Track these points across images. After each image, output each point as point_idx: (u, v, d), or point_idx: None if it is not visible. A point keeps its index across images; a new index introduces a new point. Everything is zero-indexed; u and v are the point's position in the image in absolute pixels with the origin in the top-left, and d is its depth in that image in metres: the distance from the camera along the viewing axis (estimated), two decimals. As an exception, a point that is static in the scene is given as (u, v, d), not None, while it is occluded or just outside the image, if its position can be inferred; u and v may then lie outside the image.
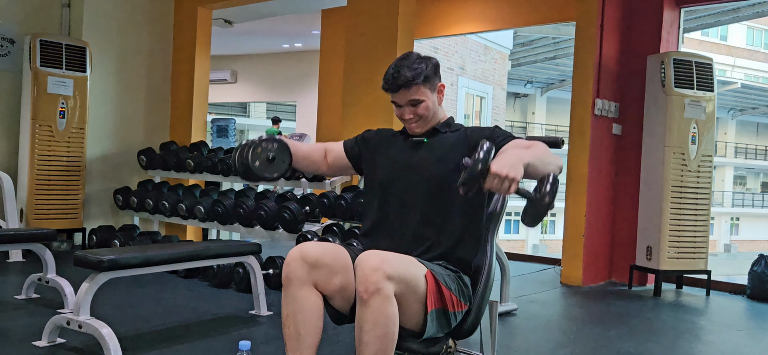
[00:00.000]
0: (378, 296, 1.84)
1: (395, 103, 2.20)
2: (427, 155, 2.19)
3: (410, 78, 2.13)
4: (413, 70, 2.14)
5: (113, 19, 6.36)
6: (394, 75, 2.15)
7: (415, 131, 2.23)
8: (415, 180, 2.16)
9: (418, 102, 2.16)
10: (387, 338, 1.86)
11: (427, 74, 2.16)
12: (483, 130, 2.20)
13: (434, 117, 2.22)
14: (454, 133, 2.22)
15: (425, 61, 2.18)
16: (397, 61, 2.18)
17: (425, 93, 2.16)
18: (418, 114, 2.18)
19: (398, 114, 2.21)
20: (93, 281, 2.92)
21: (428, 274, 1.99)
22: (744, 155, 32.69)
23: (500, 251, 4.05)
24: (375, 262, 1.87)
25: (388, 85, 2.17)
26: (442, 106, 2.26)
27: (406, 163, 2.20)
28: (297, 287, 2.01)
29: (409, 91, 2.14)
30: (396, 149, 2.27)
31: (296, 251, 2.04)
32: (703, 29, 21.13)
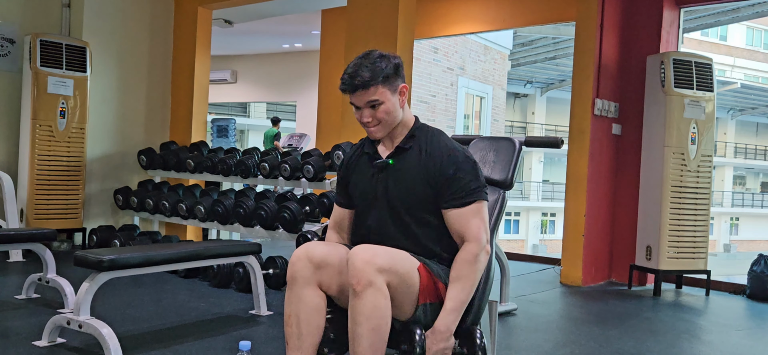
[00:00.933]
0: (370, 288, 1.85)
1: (353, 105, 2.10)
2: (391, 183, 2.11)
3: (368, 78, 2.02)
4: (372, 70, 2.03)
5: (113, 19, 6.36)
6: (352, 74, 2.05)
7: (375, 136, 2.14)
8: (382, 208, 2.12)
9: (376, 104, 2.06)
10: (380, 331, 1.88)
11: (387, 74, 2.05)
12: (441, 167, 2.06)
13: (394, 121, 2.11)
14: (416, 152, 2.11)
15: (386, 59, 2.07)
16: (356, 60, 2.07)
17: (385, 94, 2.06)
18: (377, 117, 2.08)
19: (357, 116, 2.12)
20: (93, 281, 2.92)
21: (421, 267, 2.00)
22: (744, 155, 32.70)
23: (500, 251, 4.05)
24: (367, 255, 1.89)
25: (344, 86, 2.07)
26: (405, 108, 2.15)
27: (373, 191, 2.15)
28: (301, 287, 2.02)
29: (367, 92, 2.04)
30: (362, 176, 2.19)
31: (302, 250, 2.05)
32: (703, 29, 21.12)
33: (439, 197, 2.07)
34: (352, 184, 2.23)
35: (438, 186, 2.06)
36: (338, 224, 2.30)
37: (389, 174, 2.13)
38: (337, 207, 2.31)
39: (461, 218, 2.04)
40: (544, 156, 28.07)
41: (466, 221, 2.04)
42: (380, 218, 2.13)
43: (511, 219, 26.15)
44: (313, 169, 4.90)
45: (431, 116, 12.57)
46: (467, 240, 2.03)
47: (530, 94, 27.39)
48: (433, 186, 2.07)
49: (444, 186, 2.05)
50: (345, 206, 2.28)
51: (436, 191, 2.07)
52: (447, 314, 1.98)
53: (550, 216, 27.53)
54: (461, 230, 2.04)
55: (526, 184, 26.71)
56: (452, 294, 2.00)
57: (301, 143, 10.89)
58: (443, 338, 1.97)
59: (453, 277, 2.02)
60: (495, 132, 14.64)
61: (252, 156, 5.49)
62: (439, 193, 2.06)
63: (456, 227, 2.06)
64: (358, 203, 2.22)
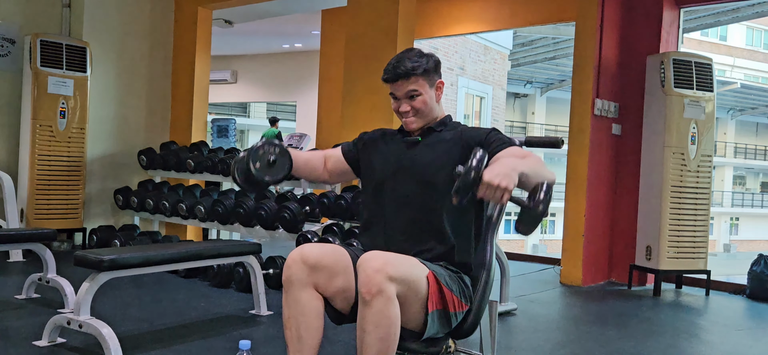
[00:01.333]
0: (380, 297, 1.84)
1: (393, 96, 2.20)
2: (420, 155, 2.18)
3: (410, 69, 2.13)
4: (414, 62, 2.15)
5: (113, 19, 6.36)
6: (395, 65, 2.16)
7: (411, 127, 2.21)
8: (407, 179, 2.16)
9: (415, 94, 2.16)
10: (389, 340, 1.87)
11: (428, 68, 2.17)
12: (479, 131, 2.18)
13: (430, 113, 2.21)
14: (449, 132, 2.21)
15: (427, 56, 2.19)
16: (400, 54, 2.20)
17: (423, 86, 2.17)
18: (414, 107, 2.17)
19: (395, 107, 2.20)
20: (93, 280, 2.92)
21: (430, 275, 1.99)
22: (743, 155, 32.69)
23: (500, 251, 4.05)
24: (378, 263, 1.87)
25: (388, 75, 2.18)
26: (439, 104, 2.25)
27: (400, 162, 2.20)
28: (298, 290, 2.02)
29: (408, 81, 2.15)
30: (390, 148, 2.26)
31: (296, 253, 2.05)
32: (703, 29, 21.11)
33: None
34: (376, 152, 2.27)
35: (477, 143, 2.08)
36: (328, 158, 2.39)
37: (418, 149, 2.20)
38: (340, 150, 2.38)
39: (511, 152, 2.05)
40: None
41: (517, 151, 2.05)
42: (398, 190, 2.16)
43: (511, 219, 26.11)
44: (313, 169, 4.89)
45: (431, 116, 12.55)
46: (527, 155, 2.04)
47: (530, 94, 27.39)
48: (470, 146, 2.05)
49: (483, 143, 2.09)
50: (349, 159, 2.35)
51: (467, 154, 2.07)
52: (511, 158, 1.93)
53: (550, 216, 27.53)
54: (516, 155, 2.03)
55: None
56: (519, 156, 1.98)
57: (301, 143, 10.88)
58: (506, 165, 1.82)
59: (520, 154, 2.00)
60: (495, 131, 14.62)
61: (252, 156, 5.48)
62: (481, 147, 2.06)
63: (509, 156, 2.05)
64: (377, 173, 2.23)
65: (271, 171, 2.16)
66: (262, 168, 2.15)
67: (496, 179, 1.77)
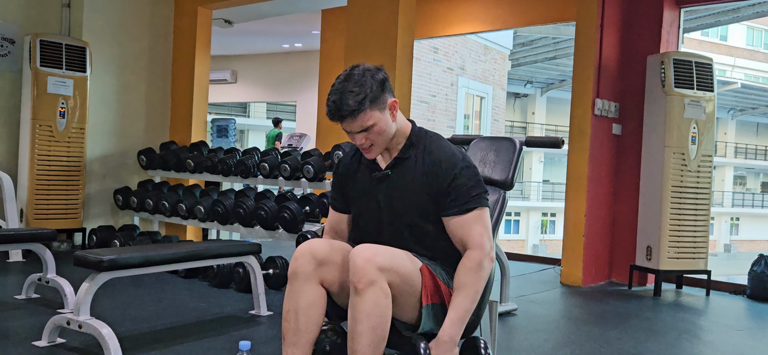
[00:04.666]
0: (371, 287, 1.85)
1: (345, 130, 2.04)
2: (391, 193, 2.09)
3: (354, 107, 1.95)
4: (357, 95, 1.95)
5: (113, 19, 6.36)
6: (338, 104, 1.96)
7: (372, 156, 2.08)
8: (380, 217, 2.11)
9: (368, 127, 2.00)
10: (379, 329, 1.88)
11: (374, 96, 1.97)
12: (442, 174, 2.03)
13: (389, 137, 2.06)
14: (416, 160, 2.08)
15: (371, 76, 1.98)
16: (338, 85, 1.98)
17: (374, 116, 1.99)
18: (370, 139, 2.03)
19: (350, 139, 2.05)
20: (93, 281, 2.92)
21: (423, 268, 2.00)
22: (744, 155, 32.70)
23: (500, 251, 4.05)
24: (368, 254, 1.88)
25: (332, 116, 1.99)
26: (398, 118, 2.08)
27: (373, 200, 2.12)
28: (303, 282, 2.01)
29: (356, 119, 1.97)
30: (362, 183, 2.16)
31: (305, 246, 2.04)
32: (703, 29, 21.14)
33: (439, 205, 2.04)
34: (350, 190, 2.21)
35: (438, 194, 2.04)
36: (334, 228, 2.27)
37: (389, 184, 2.10)
38: (333, 211, 2.28)
39: (463, 226, 2.02)
40: (544, 156, 28.06)
41: (468, 228, 2.01)
42: (379, 226, 2.12)
43: (511, 219, 26.14)
44: (313, 169, 4.89)
45: (431, 116, 12.57)
46: (470, 248, 2.01)
47: (530, 94, 27.39)
48: (434, 194, 2.04)
49: (444, 194, 2.03)
50: (341, 210, 2.25)
51: (436, 199, 2.04)
52: (451, 324, 1.95)
53: (550, 216, 27.52)
54: (463, 237, 2.02)
55: (526, 184, 26.72)
56: (456, 303, 1.97)
57: (301, 143, 10.89)
58: (448, 348, 1.94)
59: (457, 285, 1.99)
60: (495, 132, 14.64)
61: (252, 156, 5.49)
62: (440, 201, 2.04)
63: (458, 234, 2.03)
64: (355, 211, 2.20)
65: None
66: None
67: None
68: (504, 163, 2.50)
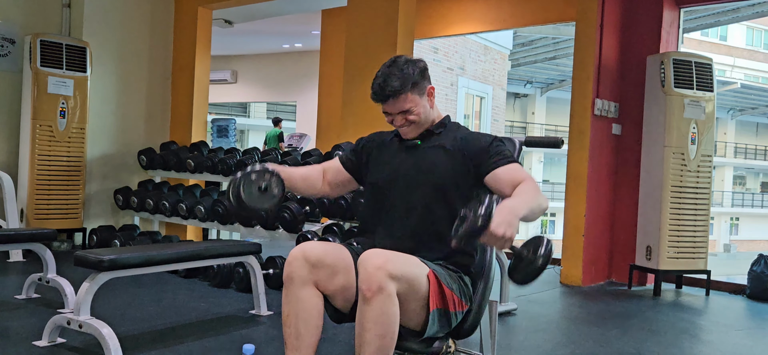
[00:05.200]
0: (381, 295, 1.84)
1: (386, 112, 2.18)
2: (420, 160, 2.17)
3: (398, 88, 2.10)
4: (400, 79, 2.10)
5: (113, 19, 6.36)
6: (382, 85, 2.12)
7: (409, 136, 2.21)
8: (408, 184, 2.15)
9: (408, 110, 2.14)
10: (387, 337, 1.87)
11: (415, 80, 2.13)
12: (479, 140, 2.16)
13: (427, 120, 2.19)
14: (448, 135, 2.20)
15: (412, 65, 2.14)
16: (384, 70, 2.14)
17: (414, 100, 2.13)
18: (409, 120, 2.16)
19: (389, 121, 2.20)
20: (93, 281, 2.92)
21: (430, 274, 1.99)
22: (744, 155, 32.69)
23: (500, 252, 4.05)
24: (379, 261, 1.87)
25: (376, 97, 2.14)
26: (434, 106, 2.23)
27: (399, 167, 2.19)
28: (298, 287, 2.02)
29: (398, 100, 2.12)
30: (389, 154, 2.25)
31: (298, 250, 2.05)
32: (703, 29, 21.11)
33: (480, 166, 2.09)
34: (375, 159, 2.27)
35: (476, 156, 2.10)
36: (326, 171, 2.37)
37: (417, 153, 2.19)
38: (337, 160, 2.37)
39: (511, 172, 2.06)
40: (544, 156, 28.06)
41: (516, 173, 2.05)
42: (398, 196, 2.16)
43: (511, 219, 26.11)
44: (313, 169, 4.89)
45: (431, 116, 12.54)
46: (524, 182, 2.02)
47: (530, 94, 27.38)
48: (470, 157, 2.11)
49: (484, 153, 2.10)
50: (346, 167, 2.34)
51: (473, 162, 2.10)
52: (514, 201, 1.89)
53: (550, 216, 27.52)
54: (513, 180, 2.03)
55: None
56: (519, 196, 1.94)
57: (301, 143, 10.90)
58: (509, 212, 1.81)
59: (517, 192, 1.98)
60: (495, 132, 14.64)
61: (252, 156, 5.49)
62: (480, 161, 2.10)
63: (507, 179, 2.04)
64: (377, 179, 2.24)
65: (262, 199, 2.16)
66: (254, 196, 2.14)
67: (500, 228, 1.77)
68: (504, 163, 2.50)
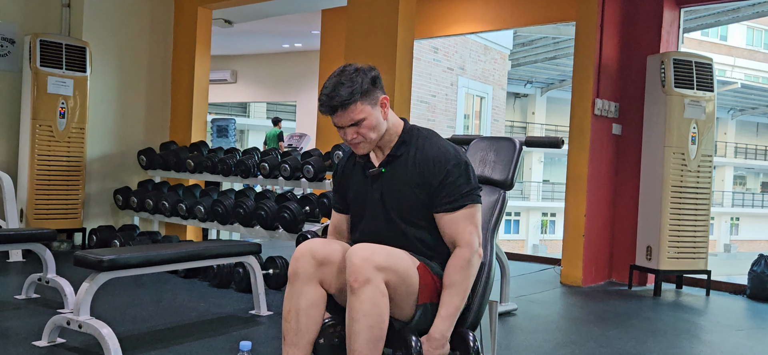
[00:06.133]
0: (368, 286, 1.86)
1: (336, 126, 2.05)
2: (385, 191, 2.10)
3: (346, 98, 1.97)
4: (349, 88, 1.98)
5: (113, 19, 6.36)
6: (330, 95, 1.99)
7: (361, 153, 2.10)
8: (376, 216, 2.12)
9: (359, 121, 2.02)
10: (377, 328, 1.89)
11: (365, 89, 2.00)
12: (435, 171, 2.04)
13: (379, 134, 2.07)
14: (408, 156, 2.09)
15: (362, 73, 2.01)
16: (332, 79, 2.02)
17: (365, 110, 2.01)
18: (361, 134, 2.04)
19: (341, 136, 2.07)
20: (93, 281, 2.92)
21: (421, 266, 2.00)
22: (744, 155, 32.69)
23: (500, 251, 4.05)
24: (365, 253, 1.89)
25: (323, 108, 2.01)
26: (389, 116, 2.10)
27: (367, 199, 2.14)
28: (303, 283, 2.02)
29: (347, 111, 1.99)
30: (357, 183, 2.18)
31: (305, 247, 2.05)
32: (703, 29, 21.12)
33: (431, 202, 2.05)
34: (348, 191, 2.23)
35: (430, 190, 2.05)
36: (337, 229, 2.29)
37: (383, 182, 2.11)
38: (334, 213, 2.31)
39: (453, 223, 2.02)
40: (544, 156, 28.06)
41: (457, 226, 2.02)
42: (375, 225, 2.12)
43: (511, 219, 26.15)
44: (313, 169, 4.89)
45: (431, 116, 12.57)
46: (459, 245, 2.02)
47: (530, 94, 27.38)
48: (426, 190, 2.05)
49: (436, 190, 2.04)
50: (342, 211, 2.28)
51: (429, 196, 2.05)
52: (442, 321, 1.98)
53: (550, 216, 27.52)
54: (453, 234, 2.03)
55: (526, 184, 26.72)
56: (446, 300, 1.99)
57: (301, 143, 10.90)
58: (439, 344, 1.97)
59: (446, 283, 2.01)
60: (495, 132, 14.64)
61: (252, 156, 5.49)
62: (431, 197, 2.05)
63: (448, 231, 2.04)
64: (353, 211, 2.21)
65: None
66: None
67: None
68: (504, 163, 2.51)
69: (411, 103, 5.56)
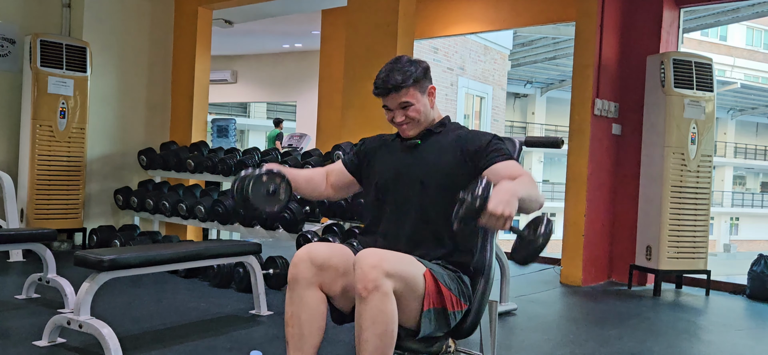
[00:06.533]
0: (377, 293, 1.85)
1: (386, 107, 2.20)
2: (420, 159, 2.19)
3: (400, 81, 2.13)
4: (403, 73, 2.14)
5: (113, 19, 6.36)
6: (385, 79, 2.15)
7: (408, 134, 2.22)
8: (408, 183, 2.17)
9: (408, 105, 2.16)
10: (386, 336, 1.88)
11: (417, 77, 2.16)
12: (478, 138, 2.17)
13: (426, 119, 2.21)
14: (448, 134, 2.22)
15: (415, 64, 2.18)
16: (388, 65, 2.18)
17: (415, 96, 2.16)
18: (409, 116, 2.18)
19: (389, 118, 2.22)
20: (93, 280, 2.92)
21: (427, 273, 2.00)
22: (743, 155, 32.70)
23: (500, 251, 4.06)
24: (373, 260, 1.88)
25: (378, 90, 2.18)
26: (435, 107, 2.25)
27: (400, 166, 2.21)
28: (303, 288, 2.02)
29: (399, 94, 2.15)
30: (390, 153, 2.27)
31: (304, 252, 2.05)
32: (703, 29, 21.12)
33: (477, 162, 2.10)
34: (377, 158, 2.29)
35: (475, 153, 2.11)
36: (329, 174, 2.39)
37: (417, 152, 2.21)
38: (341, 163, 2.39)
39: (509, 168, 2.06)
40: (544, 156, 28.07)
41: (514, 169, 2.06)
42: (399, 195, 2.17)
43: (511, 219, 26.11)
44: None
45: (431, 116, 12.55)
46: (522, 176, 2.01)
47: (530, 94, 27.39)
48: (469, 155, 2.11)
49: (482, 150, 2.11)
50: (350, 170, 2.36)
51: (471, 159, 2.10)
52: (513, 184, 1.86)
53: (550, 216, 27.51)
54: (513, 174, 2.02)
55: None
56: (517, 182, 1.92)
57: (302, 143, 10.89)
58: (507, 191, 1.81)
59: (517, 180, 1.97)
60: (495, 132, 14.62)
61: (252, 156, 5.49)
62: (478, 157, 2.10)
63: (505, 174, 2.01)
64: (378, 178, 2.24)
65: (268, 201, 2.17)
66: (260, 197, 2.15)
67: (499, 207, 1.77)
68: (504, 163, 2.50)
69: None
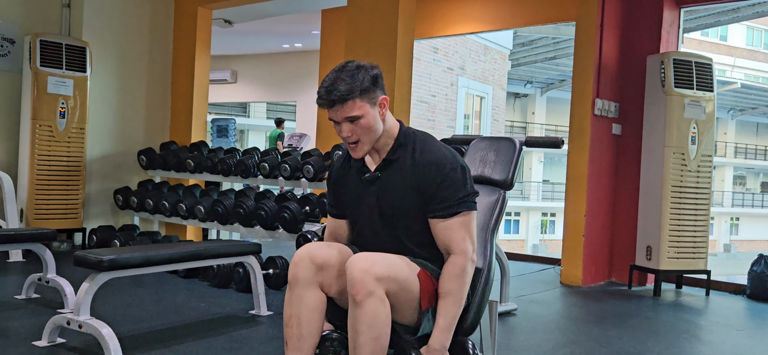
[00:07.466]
0: (371, 297, 1.86)
1: (332, 121, 2.02)
2: (381, 197, 2.09)
3: (345, 93, 1.95)
4: (348, 83, 1.95)
5: (113, 19, 6.36)
6: (328, 89, 1.97)
7: (358, 156, 2.06)
8: (374, 218, 2.11)
9: (355, 118, 1.99)
10: (381, 339, 1.89)
11: (365, 87, 1.97)
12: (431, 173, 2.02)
13: (376, 134, 2.04)
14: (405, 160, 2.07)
15: (363, 70, 1.99)
16: (332, 73, 1.99)
17: (363, 108, 1.98)
18: (356, 132, 2.00)
19: (337, 131, 2.03)
20: (93, 281, 2.92)
21: (421, 273, 2.00)
22: (744, 155, 32.69)
23: (500, 251, 4.05)
24: (365, 264, 1.88)
25: (321, 100, 1.99)
26: (387, 118, 2.07)
27: (362, 202, 2.13)
28: (303, 288, 2.02)
29: (345, 106, 1.96)
30: (354, 184, 2.16)
31: (304, 251, 2.04)
32: (703, 29, 21.11)
33: (426, 206, 2.04)
34: (343, 195, 2.21)
35: (426, 195, 2.04)
36: (334, 234, 2.26)
37: (379, 187, 2.10)
38: (330, 218, 2.28)
39: (447, 230, 2.01)
40: (544, 156, 28.06)
41: (451, 233, 2.01)
42: (372, 229, 2.12)
43: (511, 219, 26.14)
44: (313, 169, 4.89)
45: (431, 116, 12.57)
46: (453, 252, 2.01)
47: (530, 94, 27.38)
48: (422, 195, 2.04)
49: (431, 195, 2.02)
50: (337, 215, 2.26)
51: (424, 200, 2.04)
52: (441, 332, 1.98)
53: (550, 216, 27.52)
54: (447, 241, 2.01)
55: (526, 184, 26.72)
56: (443, 311, 1.99)
57: (301, 143, 10.89)
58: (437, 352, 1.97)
59: (442, 292, 2.00)
60: (495, 132, 14.64)
61: (252, 156, 5.49)
62: (427, 202, 2.04)
63: (442, 238, 2.02)
64: (351, 217, 2.21)
65: None
66: None
67: None
68: (504, 163, 2.51)
69: (411, 103, 5.56)
